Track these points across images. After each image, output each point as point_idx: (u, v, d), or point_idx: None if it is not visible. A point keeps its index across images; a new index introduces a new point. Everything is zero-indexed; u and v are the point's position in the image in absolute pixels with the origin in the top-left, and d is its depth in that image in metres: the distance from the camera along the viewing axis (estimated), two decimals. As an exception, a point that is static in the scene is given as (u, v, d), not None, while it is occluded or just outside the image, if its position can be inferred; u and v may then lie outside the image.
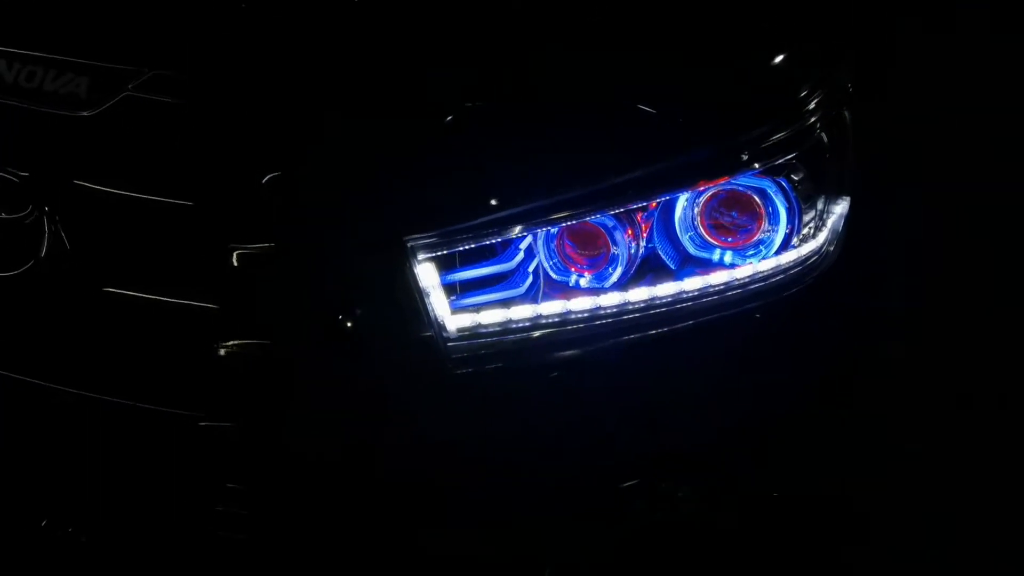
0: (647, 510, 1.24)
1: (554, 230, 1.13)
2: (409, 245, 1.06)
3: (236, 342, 1.09)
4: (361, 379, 1.10)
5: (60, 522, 1.26)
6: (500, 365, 1.09)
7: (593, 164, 1.11)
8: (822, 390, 1.31)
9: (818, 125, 1.17)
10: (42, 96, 1.13)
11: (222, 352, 1.08)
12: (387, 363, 1.09)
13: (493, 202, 1.08)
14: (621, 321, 1.13)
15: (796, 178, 1.16)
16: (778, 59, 1.22)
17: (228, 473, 1.16)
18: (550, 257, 1.16)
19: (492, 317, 1.11)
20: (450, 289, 1.11)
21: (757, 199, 1.15)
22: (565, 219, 1.10)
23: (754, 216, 1.16)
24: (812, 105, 1.17)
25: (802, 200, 1.16)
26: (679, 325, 1.13)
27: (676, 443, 1.20)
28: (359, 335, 1.07)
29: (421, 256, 1.06)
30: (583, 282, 1.15)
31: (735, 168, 1.13)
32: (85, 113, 1.12)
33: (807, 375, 1.28)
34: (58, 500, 1.27)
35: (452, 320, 1.09)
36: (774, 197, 1.15)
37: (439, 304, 1.08)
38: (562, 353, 1.12)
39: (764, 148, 1.13)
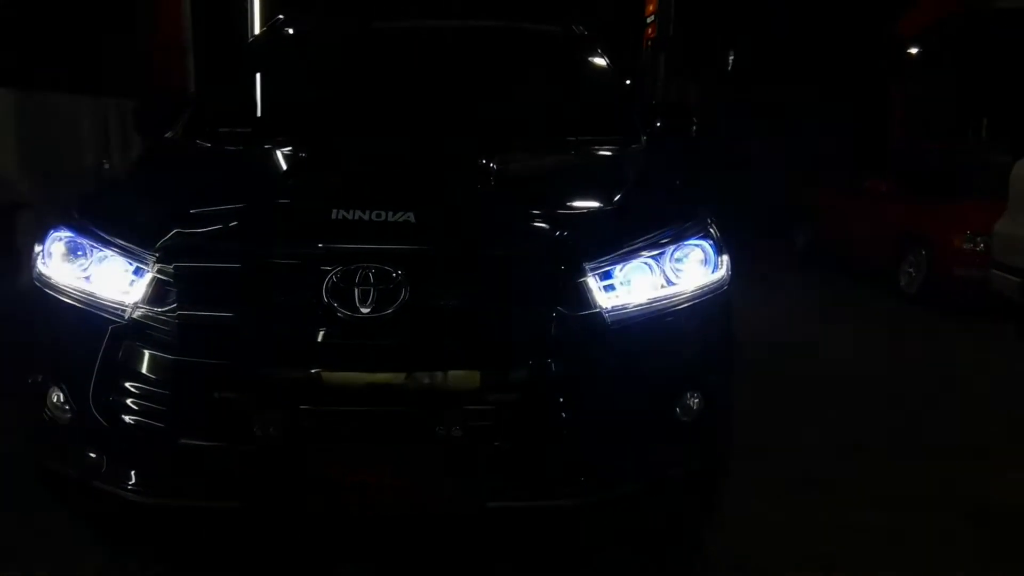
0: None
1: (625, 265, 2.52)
2: (584, 266, 2.41)
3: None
4: (567, 333, 2.38)
5: None
6: (629, 322, 2.46)
7: (638, 233, 2.57)
8: (726, 333, 2.80)
9: (711, 224, 2.75)
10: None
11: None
12: (578, 324, 2.40)
13: (610, 248, 2.47)
14: (660, 304, 2.53)
15: (712, 241, 2.68)
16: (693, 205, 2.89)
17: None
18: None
19: (620, 301, 2.45)
20: (604, 287, 2.44)
21: (703, 248, 2.67)
22: (630, 257, 2.52)
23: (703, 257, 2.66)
24: (709, 219, 2.76)
25: (716, 251, 2.68)
26: (685, 304, 2.56)
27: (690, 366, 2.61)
28: (568, 310, 2.38)
29: (590, 272, 2.42)
30: (640, 289, 2.52)
31: (696, 234, 2.67)
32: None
33: (726, 323, 2.77)
34: None
35: (606, 302, 2.43)
36: (709, 248, 2.67)
37: (599, 295, 2.42)
38: (644, 316, 2.48)
39: (702, 229, 2.70)
